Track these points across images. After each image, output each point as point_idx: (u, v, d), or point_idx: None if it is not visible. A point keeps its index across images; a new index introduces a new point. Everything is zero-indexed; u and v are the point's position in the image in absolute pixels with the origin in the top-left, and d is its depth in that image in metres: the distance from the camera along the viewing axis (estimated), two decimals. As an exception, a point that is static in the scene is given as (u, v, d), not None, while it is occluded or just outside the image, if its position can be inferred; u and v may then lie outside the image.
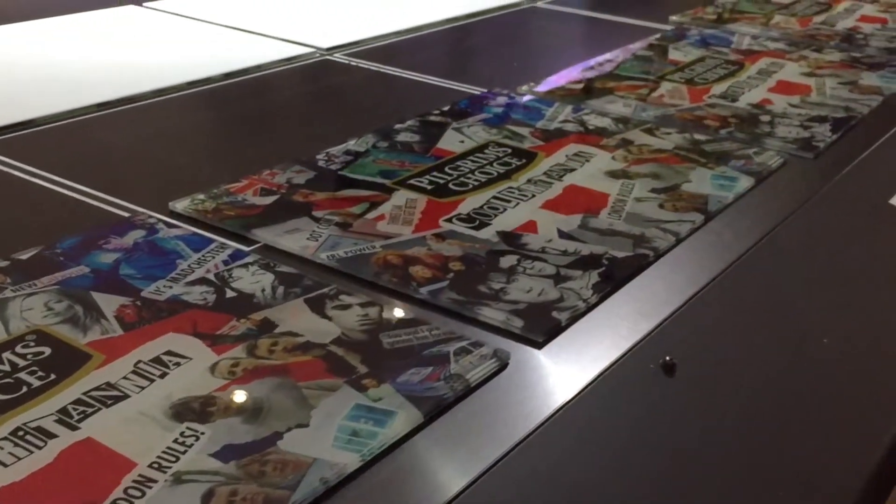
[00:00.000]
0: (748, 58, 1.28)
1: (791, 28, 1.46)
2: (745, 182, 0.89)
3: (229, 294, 0.66)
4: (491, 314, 0.65)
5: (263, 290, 0.66)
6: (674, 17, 1.51)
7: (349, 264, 0.71)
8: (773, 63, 1.26)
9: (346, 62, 1.23)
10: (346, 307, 0.65)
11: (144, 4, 1.43)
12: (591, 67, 1.21)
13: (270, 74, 1.17)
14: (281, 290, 0.67)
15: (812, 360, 0.65)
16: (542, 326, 0.64)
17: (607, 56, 1.26)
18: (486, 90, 1.12)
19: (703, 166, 0.92)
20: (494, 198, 0.83)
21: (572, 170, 0.89)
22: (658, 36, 1.38)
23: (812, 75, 1.22)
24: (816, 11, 1.57)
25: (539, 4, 1.59)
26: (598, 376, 0.60)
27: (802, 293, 0.74)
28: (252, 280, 0.68)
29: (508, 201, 0.82)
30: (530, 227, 0.78)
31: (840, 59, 1.30)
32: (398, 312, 0.65)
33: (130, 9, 1.41)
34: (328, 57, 1.24)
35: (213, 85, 1.12)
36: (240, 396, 0.55)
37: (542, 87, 1.13)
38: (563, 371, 0.61)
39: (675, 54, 1.29)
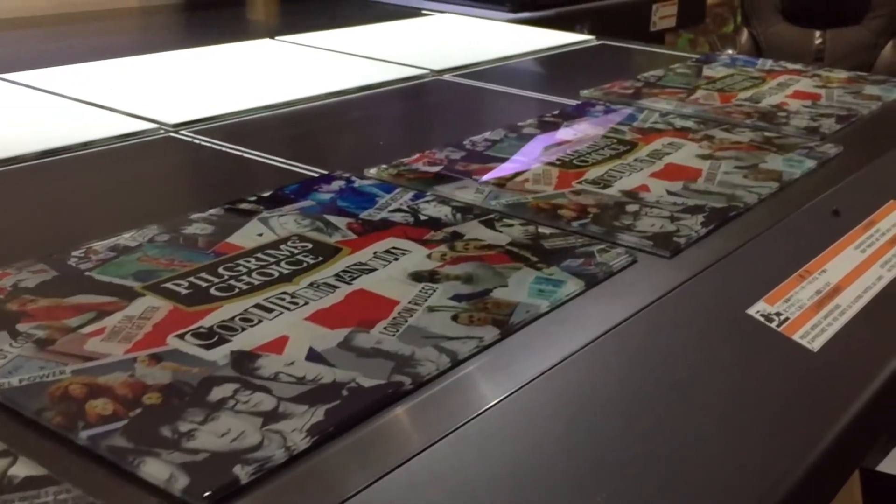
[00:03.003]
0: (646, 137, 1.15)
1: (710, 104, 1.33)
2: (571, 287, 0.75)
3: None
4: (153, 469, 0.51)
5: None
6: (584, 92, 1.38)
7: (16, 396, 0.57)
8: (670, 143, 1.13)
9: (191, 140, 1.11)
10: (-28, 457, 0.51)
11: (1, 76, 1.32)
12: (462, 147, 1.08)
13: (96, 153, 1.05)
14: None
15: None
16: (211, 485, 0.50)
17: (486, 135, 1.13)
18: (327, 172, 0.99)
19: (532, 266, 0.78)
20: (256, 306, 0.69)
21: (372, 270, 0.76)
22: (557, 112, 1.26)
23: (709, 158, 1.08)
24: (745, 87, 1.44)
25: (445, 77, 1.47)
26: (261, 559, 0.46)
27: (591, 431, 0.59)
28: None
29: (270, 311, 0.69)
30: (278, 345, 0.64)
31: (749, 139, 1.16)
32: (29, 468, 0.51)
33: (-18, 81, 1.31)
34: (172, 134, 1.12)
35: (21, 164, 1.00)
36: None
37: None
38: (218, 550, 0.47)
39: (564, 133, 1.16)
